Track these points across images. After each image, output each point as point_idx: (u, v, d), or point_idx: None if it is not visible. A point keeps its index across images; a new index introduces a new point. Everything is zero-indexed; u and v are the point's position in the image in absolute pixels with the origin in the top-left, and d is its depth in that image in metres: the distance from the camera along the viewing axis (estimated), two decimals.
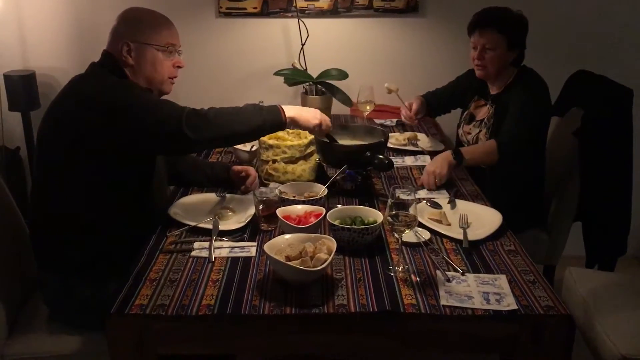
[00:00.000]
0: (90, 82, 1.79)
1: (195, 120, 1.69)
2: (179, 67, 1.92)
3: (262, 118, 1.77)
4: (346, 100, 2.83)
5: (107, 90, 1.74)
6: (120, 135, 1.69)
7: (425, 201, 1.98)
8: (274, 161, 2.13)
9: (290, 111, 1.82)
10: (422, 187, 2.17)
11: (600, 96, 2.45)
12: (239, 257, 1.65)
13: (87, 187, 1.75)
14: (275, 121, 1.80)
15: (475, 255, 1.68)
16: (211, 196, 2.03)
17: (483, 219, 1.87)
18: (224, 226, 1.80)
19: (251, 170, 2.12)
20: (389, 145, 2.32)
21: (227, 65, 3.16)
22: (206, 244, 1.70)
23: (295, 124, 1.85)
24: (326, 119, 1.92)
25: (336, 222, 1.69)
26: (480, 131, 2.55)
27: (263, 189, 1.88)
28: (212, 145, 2.20)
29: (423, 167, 2.36)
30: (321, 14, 3.09)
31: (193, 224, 1.80)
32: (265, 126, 1.79)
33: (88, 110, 1.69)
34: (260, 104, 1.86)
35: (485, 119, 2.51)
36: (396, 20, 3.11)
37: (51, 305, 1.84)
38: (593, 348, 1.87)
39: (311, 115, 1.88)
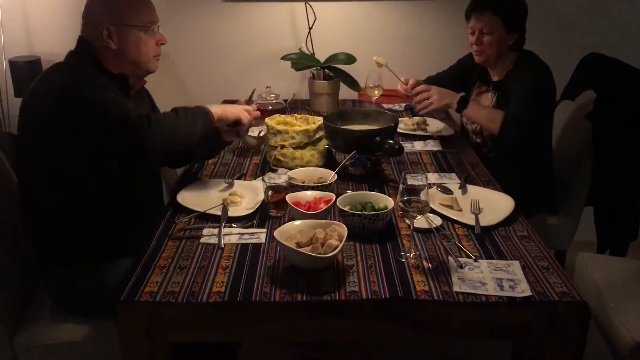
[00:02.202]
0: (62, 73, 1.74)
1: (142, 121, 1.68)
2: (162, 44, 1.87)
3: (197, 124, 1.81)
4: (354, 84, 2.80)
5: (72, 85, 1.68)
6: (81, 129, 1.65)
7: (436, 186, 1.96)
8: (282, 147, 2.11)
9: (214, 108, 1.89)
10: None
11: (613, 79, 2.41)
12: (248, 244, 1.63)
13: (72, 177, 1.70)
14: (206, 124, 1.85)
15: (488, 241, 1.66)
16: (219, 182, 2.01)
17: (495, 205, 1.84)
18: (233, 212, 1.78)
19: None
20: (397, 130, 2.29)
21: (233, 50, 3.13)
22: (215, 231, 1.69)
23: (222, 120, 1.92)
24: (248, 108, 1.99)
25: (346, 208, 1.67)
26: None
27: (272, 175, 1.86)
28: (164, 146, 1.80)
29: (433, 152, 2.34)
30: None
31: (202, 210, 1.78)
32: (201, 131, 1.83)
33: (57, 102, 1.65)
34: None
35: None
36: (405, 3, 3.07)
37: (56, 295, 1.82)
38: (606, 335, 1.86)
39: (235, 108, 1.96)
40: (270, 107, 2.61)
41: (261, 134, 2.32)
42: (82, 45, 1.79)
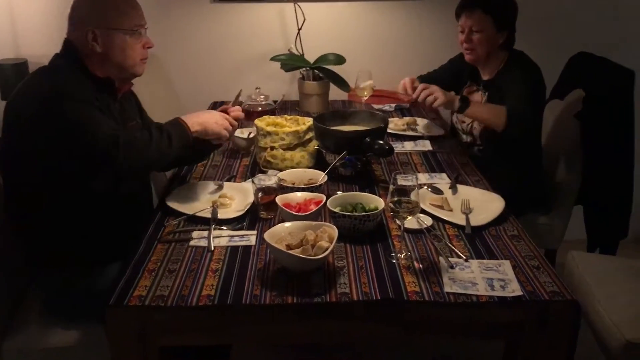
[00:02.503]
0: (47, 78, 1.71)
1: (117, 144, 1.62)
2: (149, 47, 1.84)
3: (172, 144, 1.72)
4: (344, 85, 2.79)
5: (54, 95, 1.64)
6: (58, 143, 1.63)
7: (426, 187, 1.96)
8: (272, 148, 2.10)
9: (195, 126, 1.78)
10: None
11: (602, 78, 2.42)
12: (238, 246, 1.62)
13: (59, 181, 1.69)
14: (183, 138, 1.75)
15: (478, 241, 1.65)
16: (209, 184, 2.00)
17: (485, 204, 1.84)
18: (222, 215, 1.77)
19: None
20: (387, 130, 2.28)
21: (222, 51, 3.11)
22: (205, 233, 1.68)
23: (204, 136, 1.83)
24: (226, 124, 1.88)
25: (337, 210, 1.66)
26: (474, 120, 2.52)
27: (262, 176, 1.85)
28: (134, 168, 1.73)
29: (423, 152, 2.34)
30: None
31: (191, 213, 1.77)
32: (177, 150, 1.74)
33: (40, 110, 1.62)
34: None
35: None
36: (394, 3, 3.07)
37: (47, 299, 1.81)
38: (597, 333, 1.86)
39: (217, 124, 1.84)
40: (260, 109, 2.60)
41: (251, 136, 2.31)
42: (67, 48, 1.77)
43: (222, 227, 1.72)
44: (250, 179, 1.91)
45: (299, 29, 2.94)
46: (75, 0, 1.78)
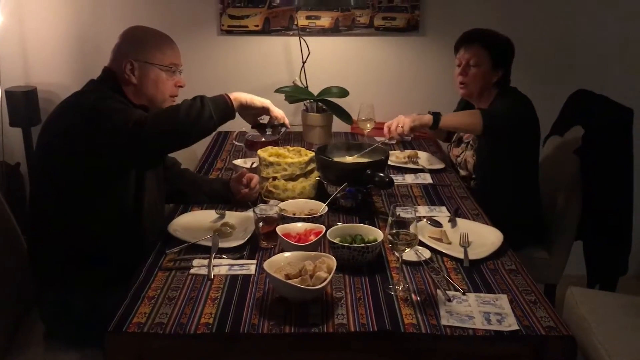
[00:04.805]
0: (90, 96, 1.79)
1: (143, 119, 1.65)
2: (180, 86, 1.94)
3: (205, 110, 1.68)
4: (347, 117, 2.83)
5: (98, 101, 1.74)
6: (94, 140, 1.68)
7: (425, 219, 1.97)
8: (274, 178, 2.13)
9: (238, 94, 1.77)
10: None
11: (601, 116, 2.46)
12: (238, 275, 1.64)
13: (84, 204, 1.76)
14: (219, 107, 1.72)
15: (476, 274, 1.66)
16: (211, 213, 2.02)
17: (484, 238, 1.86)
18: (223, 244, 1.79)
19: (253, 176, 2.13)
20: (389, 163, 2.31)
21: (228, 82, 3.17)
22: (205, 262, 1.69)
23: (245, 106, 1.81)
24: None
25: (336, 240, 1.68)
26: (463, 152, 2.56)
27: (263, 206, 1.87)
28: (165, 142, 1.72)
29: (423, 185, 2.36)
30: (322, 32, 3.11)
31: (192, 241, 1.79)
32: (213, 115, 1.69)
33: (88, 122, 1.70)
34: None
35: (471, 140, 2.52)
36: (397, 38, 3.13)
37: (49, 321, 1.83)
38: None
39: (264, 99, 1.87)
40: (263, 139, 2.64)
41: (253, 165, 2.34)
42: (105, 75, 1.87)
43: (223, 256, 1.73)
44: (252, 209, 1.93)
45: (304, 62, 2.99)
46: (121, 35, 1.89)
